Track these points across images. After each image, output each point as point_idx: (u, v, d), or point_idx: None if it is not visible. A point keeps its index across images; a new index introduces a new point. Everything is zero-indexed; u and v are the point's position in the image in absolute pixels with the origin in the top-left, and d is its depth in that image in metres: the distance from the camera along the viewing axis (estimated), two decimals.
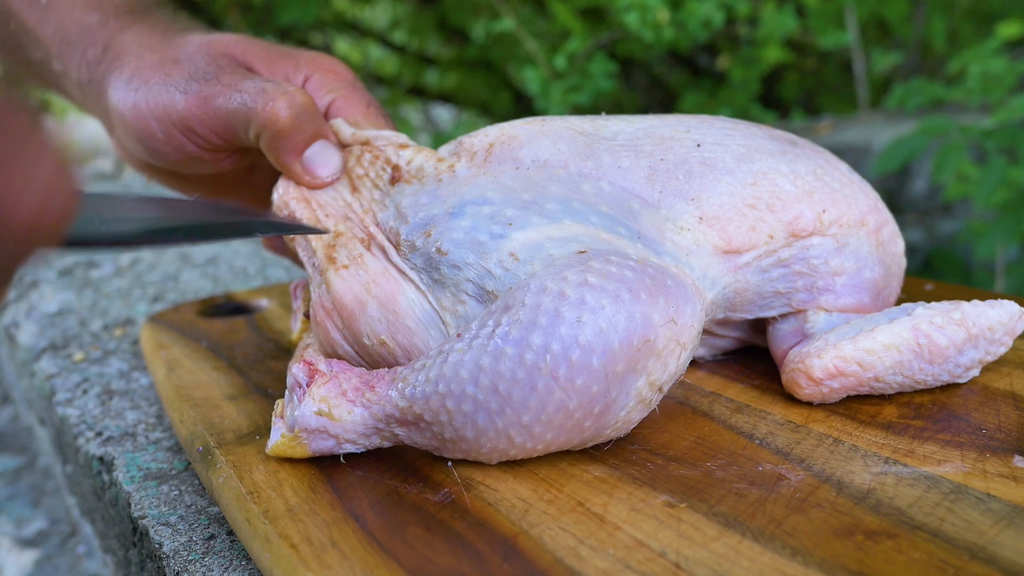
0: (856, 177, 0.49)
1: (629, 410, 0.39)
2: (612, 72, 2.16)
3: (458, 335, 0.39)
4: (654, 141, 0.47)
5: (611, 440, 0.41)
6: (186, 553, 0.41)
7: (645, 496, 0.37)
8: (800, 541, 0.33)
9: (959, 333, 0.43)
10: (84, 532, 0.70)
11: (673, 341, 0.38)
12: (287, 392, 0.41)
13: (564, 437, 0.38)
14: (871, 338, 0.43)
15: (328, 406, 0.39)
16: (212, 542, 0.42)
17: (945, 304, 0.44)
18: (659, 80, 2.82)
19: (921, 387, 0.44)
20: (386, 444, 0.40)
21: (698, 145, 0.47)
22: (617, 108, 2.52)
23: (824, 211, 0.46)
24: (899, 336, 0.43)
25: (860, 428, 0.42)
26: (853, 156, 1.84)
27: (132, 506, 0.46)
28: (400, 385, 0.39)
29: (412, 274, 0.44)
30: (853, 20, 2.23)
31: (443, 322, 0.43)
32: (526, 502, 0.37)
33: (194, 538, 0.42)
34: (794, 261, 0.46)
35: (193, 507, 0.45)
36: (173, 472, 0.49)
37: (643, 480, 0.38)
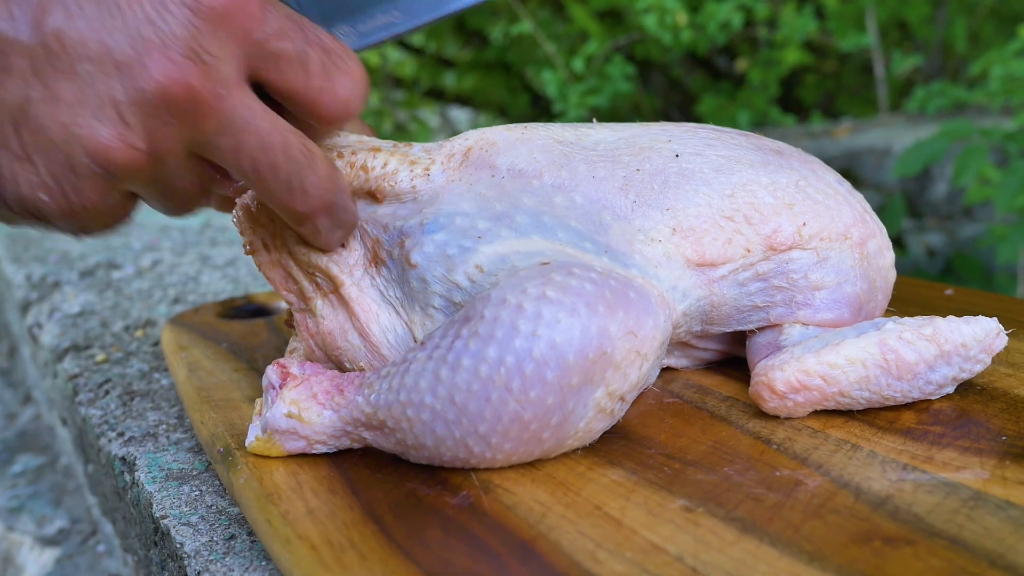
0: (844, 188, 0.49)
1: (588, 420, 0.39)
2: (630, 74, 2.16)
3: (421, 344, 0.40)
4: (633, 151, 0.47)
5: (578, 449, 0.41)
6: (207, 553, 0.42)
7: (663, 500, 0.37)
8: (818, 547, 0.33)
9: (930, 349, 0.42)
10: (105, 531, 0.71)
11: (633, 352, 0.39)
12: (264, 392, 0.42)
13: (523, 448, 0.39)
14: (835, 352, 0.42)
15: (298, 408, 0.41)
16: (233, 542, 0.43)
17: (917, 319, 0.44)
18: (677, 82, 2.81)
19: (890, 403, 0.43)
20: (356, 446, 0.41)
21: (676, 156, 0.47)
22: (635, 110, 2.52)
23: (804, 224, 0.46)
24: (865, 351, 0.42)
25: (878, 434, 0.42)
26: (873, 159, 1.83)
27: (154, 506, 0.47)
28: (366, 391, 0.40)
29: (388, 292, 0.45)
30: (873, 22, 2.22)
31: (414, 340, 0.44)
32: (544, 505, 0.37)
33: (215, 538, 0.43)
34: (773, 275, 0.46)
35: (214, 507, 0.46)
36: (194, 473, 0.50)
37: (660, 484, 0.38)
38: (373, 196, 0.47)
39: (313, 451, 0.41)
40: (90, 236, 0.42)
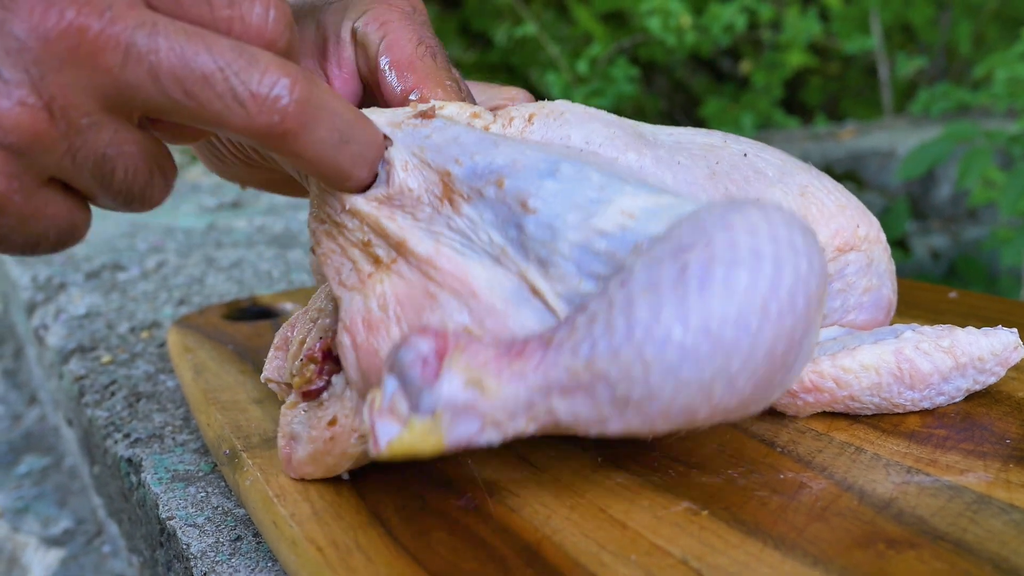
0: None
1: (800, 370, 0.35)
2: (634, 77, 2.16)
3: (621, 284, 0.33)
4: (699, 146, 0.45)
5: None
6: (213, 554, 0.42)
7: (667, 503, 0.37)
8: (821, 549, 0.33)
9: (946, 361, 0.42)
10: (110, 532, 0.71)
11: (823, 301, 0.35)
12: (391, 380, 0.33)
13: (757, 394, 0.34)
14: (851, 357, 0.42)
15: (475, 376, 0.33)
16: (239, 543, 0.43)
17: (936, 329, 0.44)
18: (681, 84, 2.81)
19: (899, 411, 0.43)
20: (530, 429, 0.34)
21: (744, 155, 0.46)
22: (639, 112, 2.52)
23: (858, 226, 0.46)
24: (880, 358, 0.42)
25: (882, 437, 0.42)
26: (877, 161, 1.83)
27: (160, 507, 0.47)
28: (569, 344, 0.33)
29: (477, 237, 0.37)
30: (877, 24, 2.22)
31: (534, 291, 0.36)
32: (549, 508, 0.37)
33: (221, 539, 0.43)
34: (836, 277, 0.46)
35: (220, 509, 0.46)
36: (200, 474, 0.50)
37: (665, 487, 0.38)
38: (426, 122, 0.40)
39: (480, 440, 0.33)
40: (33, 252, 0.35)
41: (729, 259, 0.32)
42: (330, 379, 0.39)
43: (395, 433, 0.32)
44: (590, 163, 0.39)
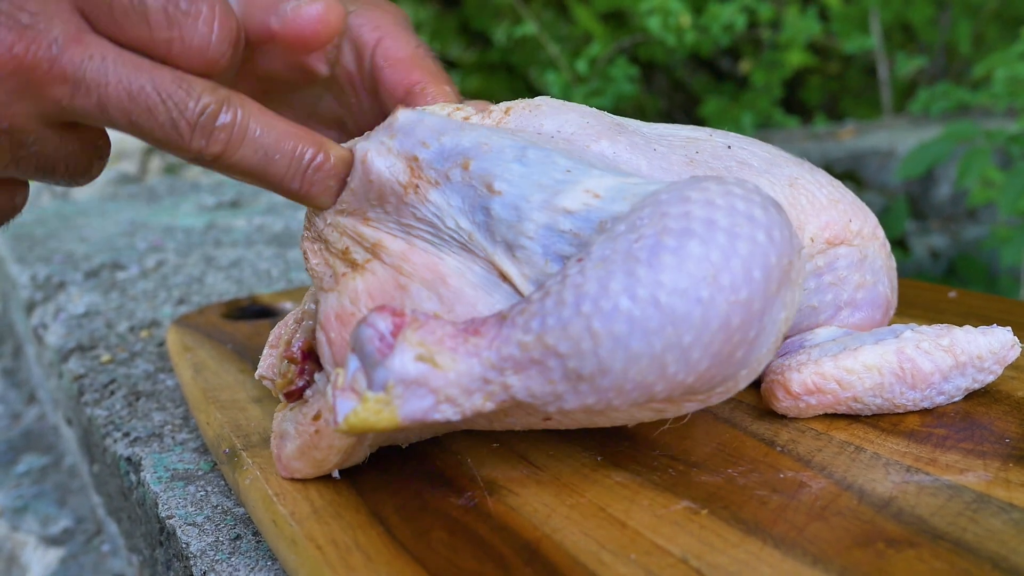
0: None
1: (768, 348, 0.35)
2: (634, 76, 2.16)
3: (578, 260, 0.34)
4: (680, 140, 0.45)
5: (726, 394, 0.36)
6: (213, 553, 0.42)
7: (667, 502, 0.37)
8: (821, 548, 0.33)
9: (946, 360, 0.43)
10: (109, 531, 0.71)
11: (798, 272, 0.35)
12: (352, 359, 0.34)
13: (716, 371, 0.34)
14: (853, 357, 0.42)
15: (429, 352, 0.33)
16: (238, 542, 0.43)
17: (935, 328, 0.44)
18: (681, 84, 2.81)
19: (899, 411, 0.43)
20: (488, 405, 0.34)
21: (729, 147, 0.45)
22: (639, 112, 2.52)
23: (850, 220, 0.46)
24: (882, 358, 0.42)
25: (882, 436, 0.42)
26: (877, 161, 1.83)
27: (159, 506, 0.47)
28: (521, 319, 0.33)
29: (445, 223, 0.38)
30: (877, 24, 2.22)
31: (503, 276, 0.37)
32: (548, 507, 0.37)
33: (220, 538, 0.43)
34: (826, 271, 0.45)
35: (219, 508, 0.46)
36: (199, 473, 0.50)
37: (665, 486, 0.38)
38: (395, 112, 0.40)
39: (436, 415, 0.33)
40: None
41: (680, 230, 0.32)
42: (311, 378, 0.40)
43: (351, 407, 0.33)
44: (559, 149, 0.39)
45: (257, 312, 0.69)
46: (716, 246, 0.32)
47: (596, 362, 0.32)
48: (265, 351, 0.44)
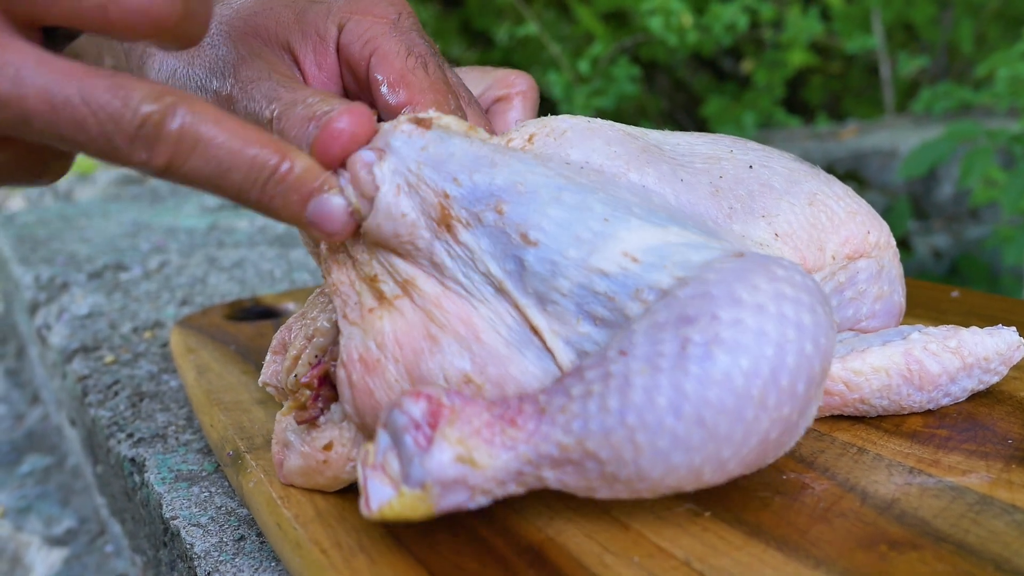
0: None
1: (797, 440, 0.35)
2: (635, 76, 2.16)
3: (621, 352, 0.33)
4: (702, 159, 0.44)
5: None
6: (217, 554, 0.42)
7: (669, 504, 0.37)
8: (824, 551, 0.33)
9: (953, 361, 0.43)
10: (113, 531, 0.71)
11: (826, 374, 0.35)
12: (384, 435, 0.33)
13: (746, 470, 0.34)
14: (861, 359, 0.42)
15: (467, 449, 0.32)
16: (242, 543, 0.43)
17: (942, 330, 0.44)
18: (683, 84, 2.81)
19: (904, 412, 0.43)
20: (519, 492, 0.34)
21: (750, 167, 0.45)
22: (640, 112, 2.52)
23: (868, 232, 0.45)
24: (890, 359, 0.42)
25: (885, 437, 0.42)
26: (879, 160, 1.83)
27: (164, 507, 0.47)
28: (562, 418, 0.32)
29: (474, 268, 0.36)
30: (879, 23, 2.22)
31: (534, 331, 0.36)
32: (552, 509, 0.37)
33: (224, 539, 0.43)
34: (847, 286, 0.45)
35: (223, 509, 0.46)
36: (203, 474, 0.50)
37: None
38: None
39: (470, 505, 0.33)
40: None
41: (732, 343, 0.32)
42: (326, 405, 0.39)
43: (386, 498, 0.32)
44: (592, 186, 0.38)
45: (260, 313, 0.69)
46: (766, 361, 0.32)
47: (635, 469, 0.32)
48: (268, 357, 0.43)
